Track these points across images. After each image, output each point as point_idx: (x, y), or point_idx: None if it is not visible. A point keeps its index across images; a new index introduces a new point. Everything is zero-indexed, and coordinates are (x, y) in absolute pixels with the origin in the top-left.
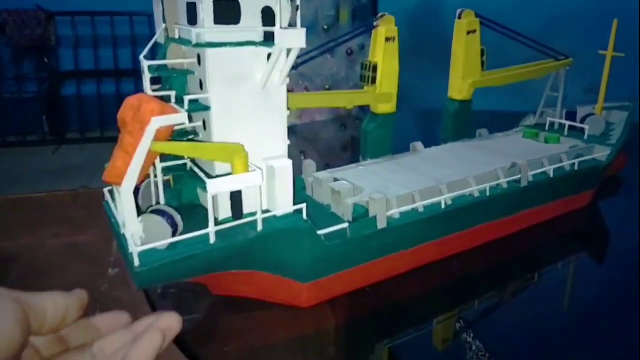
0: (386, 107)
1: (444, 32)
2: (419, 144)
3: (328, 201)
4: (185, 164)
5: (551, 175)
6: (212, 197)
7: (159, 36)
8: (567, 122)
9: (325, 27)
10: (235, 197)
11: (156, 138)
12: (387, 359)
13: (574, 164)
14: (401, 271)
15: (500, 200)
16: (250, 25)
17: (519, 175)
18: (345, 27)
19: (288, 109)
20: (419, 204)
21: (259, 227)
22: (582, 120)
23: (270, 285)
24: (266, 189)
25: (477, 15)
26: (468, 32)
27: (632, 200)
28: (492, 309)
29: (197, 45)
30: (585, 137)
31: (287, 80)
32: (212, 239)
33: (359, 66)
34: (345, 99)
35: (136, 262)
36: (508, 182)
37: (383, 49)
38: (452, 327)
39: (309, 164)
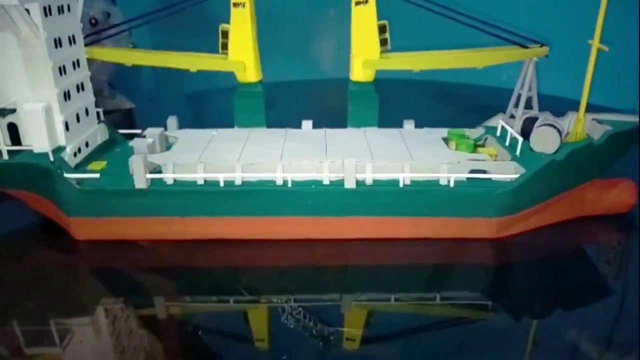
0: (247, 75)
1: None
2: (307, 123)
3: None
4: None
5: (401, 185)
6: None
7: None
8: (510, 130)
9: None
10: (11, 130)
11: None
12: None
13: (449, 180)
14: (179, 237)
15: (317, 196)
16: None
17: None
18: None
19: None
20: (199, 176)
21: (5, 156)
22: None
23: (53, 211)
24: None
25: None
26: (357, 3)
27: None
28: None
29: None
30: (517, 152)
31: (45, 34)
32: None
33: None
34: (191, 62)
35: None
36: (333, 180)
37: (233, 15)
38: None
39: (172, 120)
